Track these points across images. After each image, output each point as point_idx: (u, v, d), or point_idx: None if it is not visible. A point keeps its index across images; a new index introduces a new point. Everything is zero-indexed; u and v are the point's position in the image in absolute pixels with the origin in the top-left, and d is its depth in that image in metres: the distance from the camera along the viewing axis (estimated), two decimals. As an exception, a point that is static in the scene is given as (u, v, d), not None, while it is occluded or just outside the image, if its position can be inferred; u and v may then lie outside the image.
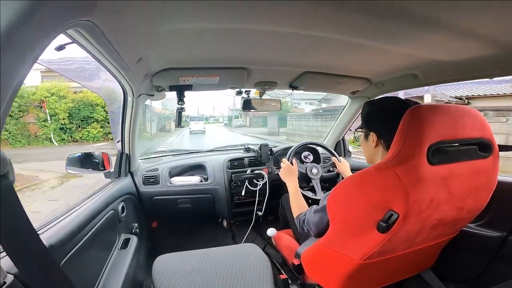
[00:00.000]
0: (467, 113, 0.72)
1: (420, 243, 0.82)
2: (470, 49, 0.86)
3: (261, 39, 0.86)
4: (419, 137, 0.64)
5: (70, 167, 1.22)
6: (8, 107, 0.33)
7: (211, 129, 23.10)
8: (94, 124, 12.55)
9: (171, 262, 1.04)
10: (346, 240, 0.81)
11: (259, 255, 1.10)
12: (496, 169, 0.78)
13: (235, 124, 24.61)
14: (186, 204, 1.71)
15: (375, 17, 0.68)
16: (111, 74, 0.96)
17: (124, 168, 1.47)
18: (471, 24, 0.69)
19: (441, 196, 0.69)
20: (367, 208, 0.73)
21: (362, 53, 0.99)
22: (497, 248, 1.00)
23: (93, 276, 0.86)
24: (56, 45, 0.62)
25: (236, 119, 25.72)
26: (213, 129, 24.11)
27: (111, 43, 0.68)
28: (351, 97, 1.79)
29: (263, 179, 1.71)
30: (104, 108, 12.14)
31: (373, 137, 0.88)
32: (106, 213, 1.03)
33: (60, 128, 11.95)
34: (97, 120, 12.60)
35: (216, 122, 38.13)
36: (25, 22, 0.32)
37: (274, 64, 1.16)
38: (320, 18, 0.70)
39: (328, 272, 0.92)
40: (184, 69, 1.14)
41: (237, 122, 25.02)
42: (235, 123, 24.93)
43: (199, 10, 0.65)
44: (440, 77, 1.16)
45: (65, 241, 0.70)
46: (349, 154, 2.08)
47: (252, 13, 0.67)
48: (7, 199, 0.36)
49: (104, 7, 0.53)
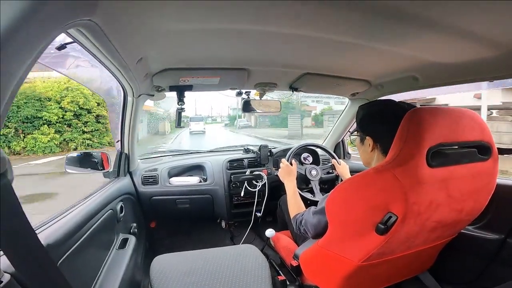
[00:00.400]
0: (467, 116, 0.73)
1: (419, 245, 0.82)
2: (471, 51, 0.86)
3: (262, 40, 0.86)
4: (419, 140, 0.64)
5: (69, 167, 1.22)
6: (8, 107, 0.33)
7: (212, 130, 22.26)
8: (43, 128, 8.87)
9: (169, 263, 1.04)
10: (345, 242, 0.81)
11: (257, 256, 1.10)
12: (496, 171, 0.78)
13: (239, 125, 22.83)
14: (185, 204, 1.71)
15: (375, 19, 0.68)
16: (112, 74, 0.96)
17: (123, 168, 1.47)
18: (472, 26, 0.69)
19: (440, 198, 0.69)
20: (366, 210, 0.73)
21: (362, 55, 0.99)
22: (495, 250, 1.00)
23: (91, 275, 0.86)
24: (57, 44, 0.62)
25: (240, 119, 23.88)
26: (214, 130, 22.76)
27: (112, 42, 0.68)
28: (351, 99, 1.79)
29: (262, 180, 1.71)
30: (60, 104, 9.10)
31: (369, 141, 0.87)
32: (105, 212, 1.03)
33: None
34: (49, 122, 8.97)
35: (214, 122, 36.75)
36: (26, 21, 0.32)
37: (274, 65, 1.16)
38: (320, 20, 0.70)
39: (326, 274, 0.92)
40: (185, 70, 1.14)
41: (241, 123, 23.14)
42: (239, 123, 23.32)
43: (200, 11, 0.65)
44: (440, 79, 1.17)
45: (63, 241, 0.69)
46: (348, 156, 2.08)
47: (253, 14, 0.68)
48: (6, 198, 0.36)
49: (106, 7, 0.53)
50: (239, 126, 22.90)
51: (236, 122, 24.32)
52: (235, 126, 24.12)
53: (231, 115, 32.64)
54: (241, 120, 23.57)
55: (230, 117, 32.04)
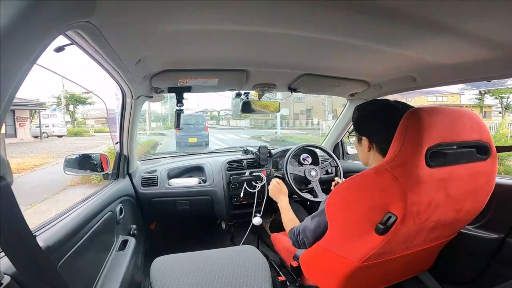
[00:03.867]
0: (466, 115, 0.73)
1: (418, 245, 0.82)
2: (468, 52, 0.87)
3: (261, 41, 0.86)
4: (418, 140, 0.64)
5: (68, 169, 1.21)
6: (7, 108, 0.34)
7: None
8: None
9: (169, 264, 1.04)
10: (345, 242, 0.81)
11: (257, 257, 1.09)
12: (494, 171, 0.78)
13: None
14: (184, 205, 1.71)
15: (373, 19, 0.69)
16: (110, 76, 0.96)
17: (122, 170, 1.47)
18: (469, 26, 0.69)
19: (439, 198, 0.69)
20: (366, 210, 0.73)
21: (360, 55, 1.00)
22: (495, 250, 1.00)
23: (91, 277, 0.86)
24: (55, 46, 0.62)
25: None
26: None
27: (110, 44, 0.69)
28: (350, 99, 1.80)
29: (261, 181, 1.71)
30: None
31: (365, 141, 0.87)
32: (104, 214, 1.03)
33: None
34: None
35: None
36: (25, 23, 0.33)
37: (273, 66, 1.16)
38: (319, 21, 0.71)
39: (326, 274, 0.92)
40: (183, 71, 1.14)
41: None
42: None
43: (198, 12, 0.65)
44: (438, 79, 1.17)
45: (63, 243, 0.69)
46: (347, 156, 2.09)
47: (251, 15, 0.68)
48: (5, 200, 0.36)
49: (103, 9, 0.53)
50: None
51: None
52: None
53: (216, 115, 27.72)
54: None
55: (213, 116, 26.86)
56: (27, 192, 5.34)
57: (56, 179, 6.14)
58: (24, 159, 8.77)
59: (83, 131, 19.67)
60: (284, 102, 4.96)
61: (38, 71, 0.40)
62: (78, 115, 23.81)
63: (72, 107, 21.71)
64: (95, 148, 9.78)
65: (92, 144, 12.50)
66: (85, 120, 19.10)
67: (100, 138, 14.76)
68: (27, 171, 7.49)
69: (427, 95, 9.10)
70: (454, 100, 15.13)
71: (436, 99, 16.58)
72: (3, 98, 0.32)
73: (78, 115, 23.75)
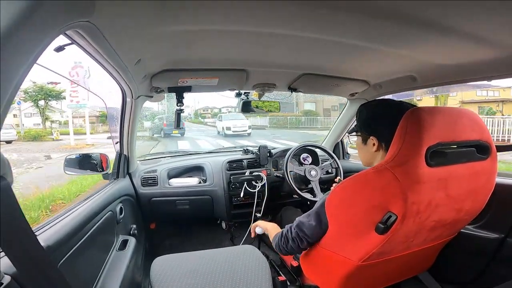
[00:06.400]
0: (466, 115, 0.73)
1: (418, 244, 0.82)
2: (468, 52, 0.87)
3: (260, 41, 0.86)
4: (418, 139, 0.65)
5: (68, 168, 1.21)
6: (7, 108, 0.34)
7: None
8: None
9: (169, 264, 1.04)
10: (345, 242, 0.81)
11: (257, 257, 1.09)
12: (494, 170, 0.78)
13: (224, 132, 13.21)
14: (184, 205, 1.71)
15: (373, 19, 0.69)
16: (110, 75, 0.96)
17: (122, 169, 1.47)
18: (469, 26, 0.69)
19: (439, 197, 0.69)
20: (366, 209, 0.73)
21: (360, 55, 1.00)
22: (495, 249, 1.00)
23: (91, 277, 0.86)
24: (55, 46, 0.62)
25: (225, 120, 14.10)
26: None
27: (110, 44, 0.68)
28: (350, 99, 1.79)
29: (261, 181, 1.71)
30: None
31: (373, 140, 0.85)
32: (104, 214, 1.03)
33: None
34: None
35: (201, 122, 24.31)
36: (25, 23, 0.33)
37: (273, 66, 1.16)
38: (319, 20, 0.71)
39: (326, 274, 0.92)
40: (183, 71, 1.14)
41: (227, 126, 13.29)
42: (223, 127, 13.63)
43: (198, 12, 0.65)
44: (438, 79, 1.17)
45: (63, 242, 0.69)
46: (347, 156, 2.09)
47: (251, 15, 0.68)
48: (5, 200, 0.36)
49: (103, 8, 0.53)
50: (223, 133, 13.37)
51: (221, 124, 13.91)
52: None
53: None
54: (228, 121, 13.59)
55: (214, 114, 21.19)
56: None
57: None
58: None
59: (45, 133, 15.23)
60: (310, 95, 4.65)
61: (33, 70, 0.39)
62: (56, 114, 19.00)
63: (43, 103, 16.06)
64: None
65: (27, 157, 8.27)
66: (71, 120, 14.03)
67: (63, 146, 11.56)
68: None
69: (476, 89, 8.16)
70: (506, 94, 13.12)
71: (486, 93, 14.14)
72: (3, 98, 0.32)
73: (56, 114, 18.51)
